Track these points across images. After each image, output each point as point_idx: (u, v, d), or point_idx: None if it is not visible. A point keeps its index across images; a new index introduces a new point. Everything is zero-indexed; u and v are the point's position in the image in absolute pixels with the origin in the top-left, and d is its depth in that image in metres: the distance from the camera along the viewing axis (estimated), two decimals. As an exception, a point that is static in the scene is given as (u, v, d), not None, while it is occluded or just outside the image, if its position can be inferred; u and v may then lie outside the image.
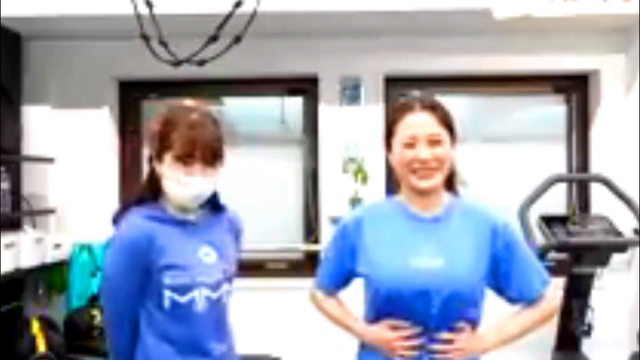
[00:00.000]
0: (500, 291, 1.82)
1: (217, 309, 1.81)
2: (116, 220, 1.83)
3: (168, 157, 1.74)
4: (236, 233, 1.94)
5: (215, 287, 1.79)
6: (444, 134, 1.76)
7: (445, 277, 1.72)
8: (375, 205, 1.95)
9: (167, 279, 1.74)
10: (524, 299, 1.81)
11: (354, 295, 1.92)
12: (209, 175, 1.76)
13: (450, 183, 1.85)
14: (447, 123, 1.78)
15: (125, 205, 1.85)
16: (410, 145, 1.75)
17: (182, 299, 1.75)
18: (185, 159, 1.73)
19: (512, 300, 1.83)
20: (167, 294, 1.75)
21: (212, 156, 1.75)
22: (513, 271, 1.79)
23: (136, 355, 1.81)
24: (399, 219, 1.81)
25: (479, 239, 1.77)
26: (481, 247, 1.77)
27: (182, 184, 1.75)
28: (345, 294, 1.96)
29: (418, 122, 1.75)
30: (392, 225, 1.80)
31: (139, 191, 1.87)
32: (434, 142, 1.74)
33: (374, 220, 1.83)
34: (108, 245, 1.84)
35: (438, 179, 1.76)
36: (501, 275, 1.79)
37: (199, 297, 1.76)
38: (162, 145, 1.75)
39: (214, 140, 1.76)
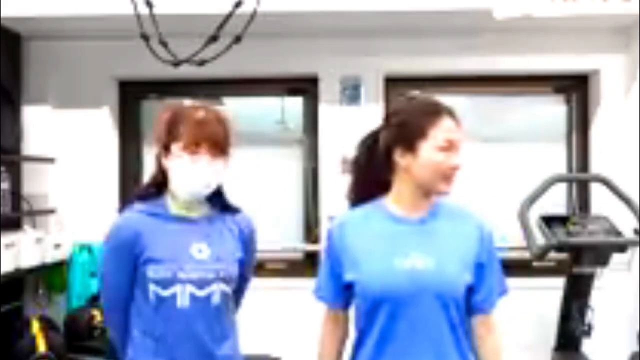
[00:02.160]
0: (467, 293, 1.77)
1: (207, 308, 1.80)
2: (120, 213, 1.89)
3: (175, 148, 1.80)
4: (244, 238, 1.93)
5: (201, 284, 1.79)
6: None
7: (435, 279, 1.69)
8: (359, 209, 1.86)
9: (150, 272, 1.78)
10: (482, 306, 1.79)
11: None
12: (214, 166, 1.81)
13: None
14: None
15: (130, 200, 1.90)
16: (446, 149, 1.73)
17: (165, 293, 1.78)
18: (192, 148, 1.78)
19: (472, 304, 1.79)
20: (152, 287, 1.78)
21: (218, 149, 1.81)
22: (485, 278, 1.78)
23: (127, 346, 1.86)
24: (383, 222, 1.77)
25: (466, 241, 1.76)
26: (468, 250, 1.75)
27: (188, 174, 1.79)
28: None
29: (454, 128, 1.76)
30: (376, 228, 1.77)
31: (145, 187, 1.92)
32: (459, 148, 1.76)
33: (358, 225, 1.80)
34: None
35: None
36: (476, 280, 1.76)
37: (181, 293, 1.78)
38: (170, 137, 1.82)
39: (220, 135, 1.83)
